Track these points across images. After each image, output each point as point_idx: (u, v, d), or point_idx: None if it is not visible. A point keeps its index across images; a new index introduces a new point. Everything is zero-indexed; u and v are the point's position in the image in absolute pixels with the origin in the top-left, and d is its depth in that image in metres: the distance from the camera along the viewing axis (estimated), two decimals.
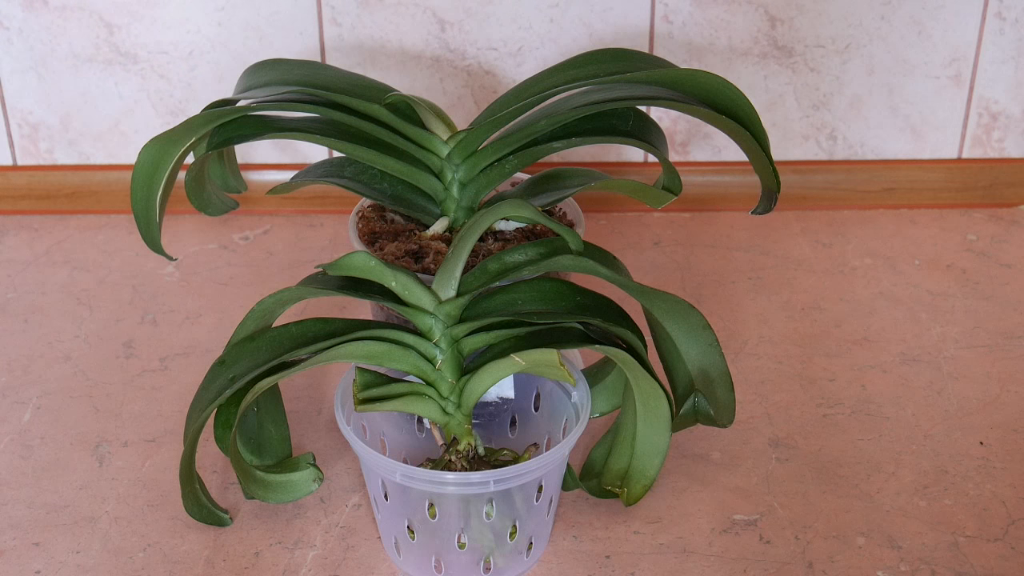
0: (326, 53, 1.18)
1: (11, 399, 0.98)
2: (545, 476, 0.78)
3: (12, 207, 1.25)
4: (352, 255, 0.74)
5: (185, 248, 1.19)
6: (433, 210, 0.90)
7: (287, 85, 0.86)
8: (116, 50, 1.18)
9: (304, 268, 1.15)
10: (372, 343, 0.77)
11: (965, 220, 1.24)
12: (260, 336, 0.80)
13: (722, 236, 1.21)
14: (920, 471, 0.90)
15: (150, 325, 1.07)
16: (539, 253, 0.80)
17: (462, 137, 0.86)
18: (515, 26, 1.17)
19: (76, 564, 0.82)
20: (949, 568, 0.81)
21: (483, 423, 0.89)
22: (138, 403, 0.97)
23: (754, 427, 0.94)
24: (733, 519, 0.85)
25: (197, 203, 0.91)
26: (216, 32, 1.18)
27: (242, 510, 0.86)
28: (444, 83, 1.20)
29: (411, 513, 0.78)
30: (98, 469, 0.90)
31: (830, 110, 1.22)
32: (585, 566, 0.81)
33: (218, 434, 0.82)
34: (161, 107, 1.21)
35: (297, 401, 0.97)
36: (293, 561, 0.82)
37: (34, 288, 1.13)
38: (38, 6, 1.16)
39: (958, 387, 0.99)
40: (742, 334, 1.06)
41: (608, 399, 0.89)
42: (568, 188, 0.88)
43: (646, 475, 0.84)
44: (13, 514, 0.86)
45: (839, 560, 0.82)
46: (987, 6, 1.17)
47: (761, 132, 0.85)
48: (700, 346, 0.82)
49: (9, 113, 1.22)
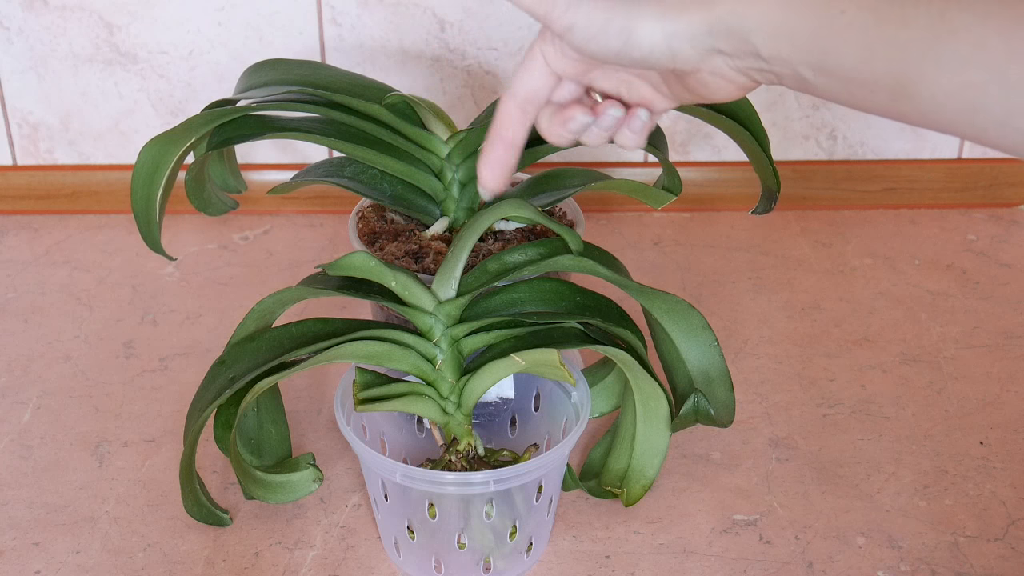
0: (326, 53, 1.18)
1: (11, 399, 0.98)
2: (545, 476, 0.78)
3: (12, 207, 1.25)
4: (352, 255, 0.74)
5: (185, 248, 1.19)
6: (433, 210, 0.90)
7: (287, 85, 0.86)
8: (116, 50, 1.18)
9: (304, 268, 1.15)
10: (372, 343, 0.77)
11: (965, 220, 1.24)
12: (260, 336, 0.80)
13: (722, 236, 1.21)
14: (920, 471, 0.90)
15: (150, 325, 1.07)
16: (539, 253, 0.80)
17: (462, 137, 0.86)
18: (515, 26, 1.17)
19: (76, 564, 0.82)
20: (949, 568, 0.81)
21: (483, 423, 0.89)
22: (138, 403, 0.97)
23: (754, 427, 0.94)
24: (733, 519, 0.85)
25: (197, 203, 0.91)
26: (216, 32, 1.18)
27: (242, 510, 0.86)
28: (444, 83, 1.20)
29: (411, 513, 0.78)
30: (98, 469, 0.90)
31: (830, 110, 1.22)
32: (585, 566, 0.82)
33: (218, 434, 0.82)
34: (161, 107, 1.21)
35: (297, 401, 0.97)
36: (293, 561, 0.82)
37: (34, 288, 1.13)
38: (38, 6, 1.16)
39: (958, 387, 0.99)
40: (742, 334, 1.06)
41: (608, 399, 0.89)
42: (568, 188, 0.88)
43: (646, 475, 0.84)
44: (13, 514, 0.86)
45: (839, 560, 0.82)
46: None
47: (761, 132, 0.85)
48: (700, 346, 0.82)
49: (9, 113, 1.22)
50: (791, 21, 0.55)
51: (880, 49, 0.53)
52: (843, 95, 0.56)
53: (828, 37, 0.54)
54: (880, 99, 0.54)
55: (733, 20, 0.57)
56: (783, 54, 0.56)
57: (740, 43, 0.58)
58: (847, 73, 0.54)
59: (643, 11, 0.59)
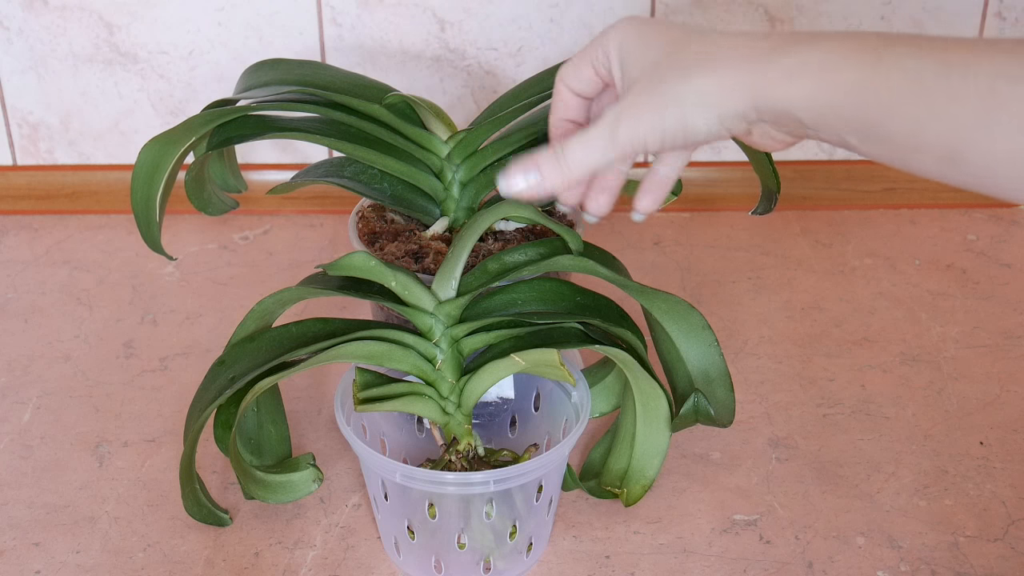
0: (326, 53, 1.18)
1: (11, 399, 0.98)
2: (545, 476, 0.78)
3: (12, 207, 1.25)
4: (352, 255, 0.74)
5: (185, 248, 1.19)
6: (433, 210, 0.90)
7: (287, 85, 0.86)
8: (116, 50, 1.18)
9: (304, 268, 1.15)
10: (372, 343, 0.77)
11: (965, 220, 1.24)
12: (260, 336, 0.80)
13: (722, 236, 1.21)
14: (920, 471, 0.90)
15: (150, 325, 1.07)
16: (539, 253, 0.80)
17: (462, 137, 0.86)
18: (515, 26, 1.17)
19: (76, 564, 0.82)
20: (949, 568, 0.81)
21: (483, 423, 0.89)
22: (138, 403, 0.97)
23: (754, 427, 0.94)
24: (733, 519, 0.85)
25: (197, 203, 0.91)
26: (216, 32, 1.18)
27: (242, 510, 0.86)
28: (444, 83, 1.20)
29: (411, 513, 0.78)
30: (98, 469, 0.90)
31: None
32: (585, 566, 0.81)
33: (218, 434, 0.82)
34: (161, 107, 1.21)
35: (297, 401, 0.97)
36: (293, 561, 0.82)
37: (34, 288, 1.13)
38: (38, 6, 1.16)
39: (958, 387, 0.99)
40: (742, 334, 1.06)
41: (607, 399, 0.89)
42: None
43: (646, 475, 0.84)
44: (13, 514, 0.86)
45: (839, 560, 0.82)
46: (987, 6, 1.17)
47: None
48: (700, 346, 0.82)
49: (9, 113, 1.22)
50: (835, 99, 0.56)
51: (928, 122, 0.54)
52: (890, 159, 0.57)
53: (874, 113, 0.55)
54: (928, 163, 0.55)
55: (777, 102, 0.59)
56: (829, 125, 0.58)
57: (785, 118, 0.59)
58: (895, 142, 0.55)
59: (689, 104, 0.62)
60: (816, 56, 0.57)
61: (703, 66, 0.61)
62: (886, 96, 0.55)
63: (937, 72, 0.53)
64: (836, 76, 0.56)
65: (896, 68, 0.54)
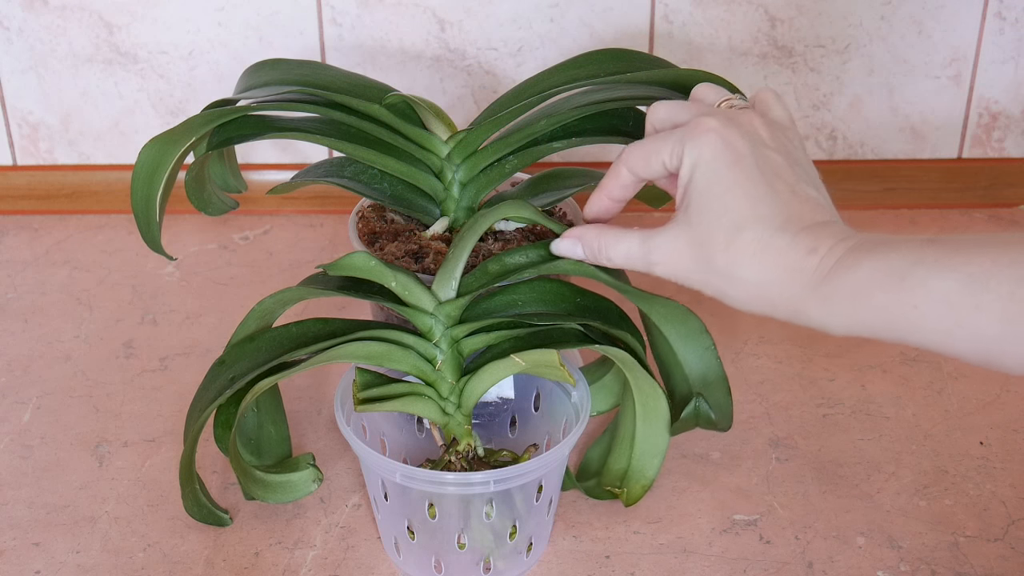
0: (326, 53, 1.18)
1: (11, 399, 0.98)
2: (545, 476, 0.78)
3: (12, 207, 1.25)
4: (352, 255, 0.74)
5: (185, 248, 1.19)
6: (433, 210, 0.90)
7: (287, 85, 0.86)
8: (116, 50, 1.18)
9: (304, 268, 1.15)
10: (372, 343, 0.77)
11: (965, 220, 1.24)
12: (260, 336, 0.80)
13: None
14: (920, 471, 0.90)
15: (150, 325, 1.08)
16: (540, 256, 0.80)
17: (462, 137, 0.86)
18: (515, 26, 1.17)
19: (76, 564, 0.82)
20: (949, 568, 0.81)
21: (483, 423, 0.89)
22: (138, 403, 0.98)
23: (754, 427, 0.94)
24: (733, 519, 0.85)
25: (197, 203, 0.91)
26: (216, 32, 1.18)
27: (242, 510, 0.86)
28: (444, 83, 1.20)
29: (411, 513, 0.78)
30: (98, 469, 0.90)
31: (830, 110, 1.22)
32: (585, 566, 0.82)
33: (218, 434, 0.82)
34: (161, 107, 1.21)
35: (297, 401, 0.97)
36: (293, 561, 0.82)
37: (34, 288, 1.13)
38: (38, 6, 1.16)
39: (958, 387, 0.99)
40: (742, 334, 1.06)
41: (606, 398, 0.89)
42: (568, 188, 0.88)
43: (646, 475, 0.84)
44: (13, 514, 0.86)
45: (839, 560, 0.82)
46: (987, 6, 1.17)
47: None
48: (697, 350, 0.82)
49: (9, 113, 1.22)
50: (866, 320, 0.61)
51: (957, 332, 0.58)
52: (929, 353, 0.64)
53: (904, 328, 0.60)
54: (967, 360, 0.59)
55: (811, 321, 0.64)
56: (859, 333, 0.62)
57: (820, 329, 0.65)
58: (927, 347, 0.60)
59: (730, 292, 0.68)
60: (848, 283, 0.61)
61: (750, 267, 0.65)
62: (913, 315, 0.59)
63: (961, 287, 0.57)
64: (867, 301, 0.61)
65: (920, 287, 0.58)
